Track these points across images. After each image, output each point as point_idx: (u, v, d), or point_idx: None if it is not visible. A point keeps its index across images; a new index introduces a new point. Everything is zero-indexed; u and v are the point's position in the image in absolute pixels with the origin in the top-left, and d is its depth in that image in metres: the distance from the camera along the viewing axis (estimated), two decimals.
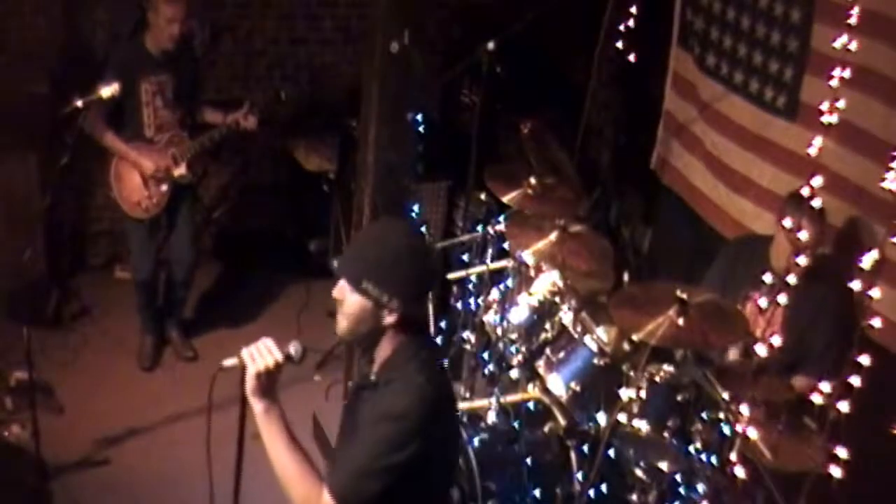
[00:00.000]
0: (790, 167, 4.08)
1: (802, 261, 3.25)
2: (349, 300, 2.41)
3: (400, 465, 2.31)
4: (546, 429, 3.93)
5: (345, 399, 4.77)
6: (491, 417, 3.90)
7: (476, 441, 3.75)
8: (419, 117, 4.64)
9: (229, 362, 2.43)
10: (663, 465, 3.50)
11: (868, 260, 3.00)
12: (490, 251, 4.40)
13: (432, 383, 2.40)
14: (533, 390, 4.04)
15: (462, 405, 4.12)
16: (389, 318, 2.40)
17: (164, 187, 4.81)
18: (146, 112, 4.73)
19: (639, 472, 3.56)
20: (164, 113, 4.77)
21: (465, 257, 4.73)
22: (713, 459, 3.42)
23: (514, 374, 4.05)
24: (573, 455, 3.81)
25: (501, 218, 4.43)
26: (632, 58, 4.76)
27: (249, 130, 4.93)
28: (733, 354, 3.67)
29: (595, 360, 3.80)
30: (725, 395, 3.40)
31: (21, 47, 5.26)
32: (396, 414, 2.32)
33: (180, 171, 4.84)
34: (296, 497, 2.37)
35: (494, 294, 4.25)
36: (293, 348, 2.45)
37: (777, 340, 3.16)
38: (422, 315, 2.51)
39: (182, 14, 4.58)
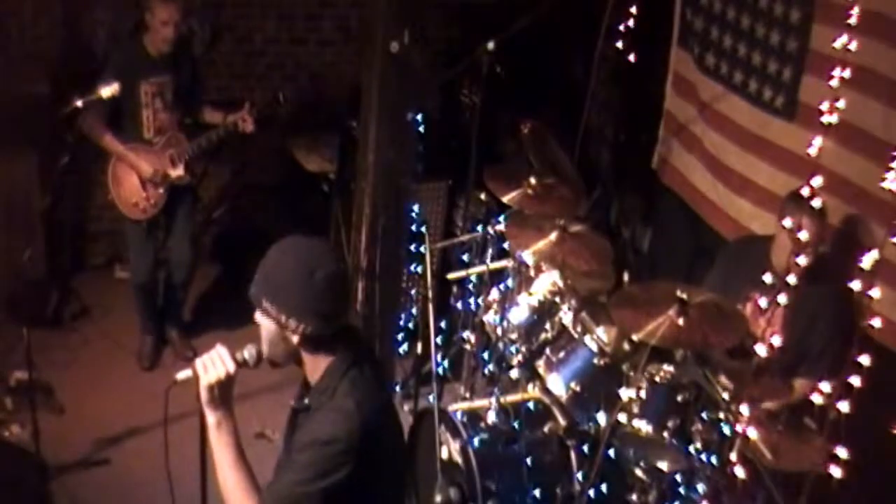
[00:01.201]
0: (789, 167, 4.08)
1: (802, 261, 3.25)
2: (261, 323, 2.42)
3: (327, 490, 2.30)
4: (546, 429, 3.93)
5: None
6: (491, 417, 3.90)
7: (476, 441, 3.75)
8: (419, 117, 4.64)
9: (183, 375, 2.43)
10: (663, 465, 3.50)
11: (868, 260, 3.00)
12: (490, 251, 4.41)
13: (361, 407, 2.34)
14: (533, 390, 4.04)
15: (462, 405, 4.12)
16: (294, 338, 2.38)
17: (162, 188, 4.81)
18: (145, 113, 4.73)
19: (639, 472, 3.56)
20: (163, 114, 4.77)
21: (465, 257, 4.73)
22: (713, 459, 3.42)
23: (514, 374, 4.05)
24: (573, 455, 3.81)
25: (501, 218, 4.43)
26: (632, 58, 4.75)
27: (248, 132, 4.93)
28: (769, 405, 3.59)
29: (595, 360, 3.80)
30: (725, 395, 3.40)
31: (21, 47, 5.27)
32: (323, 440, 2.31)
33: (178, 172, 4.84)
34: None
35: (494, 294, 4.26)
36: (246, 353, 2.43)
37: (777, 340, 3.16)
38: (340, 332, 2.42)
39: (176, 16, 4.58)
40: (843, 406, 2.86)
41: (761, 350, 3.13)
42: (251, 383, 4.30)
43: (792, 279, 3.18)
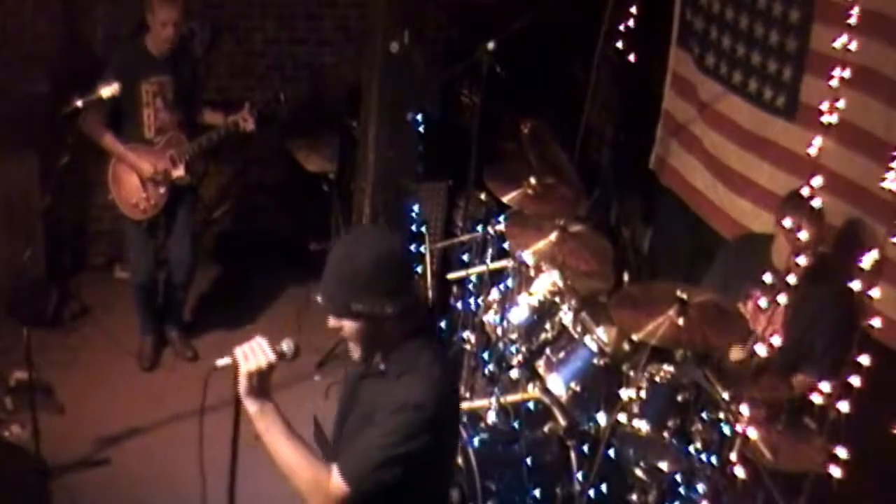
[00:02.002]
0: (789, 167, 4.08)
1: (803, 261, 3.25)
2: (348, 327, 2.42)
3: (414, 455, 2.33)
4: (546, 429, 3.93)
5: None
6: (491, 417, 3.90)
7: (476, 441, 3.75)
8: (419, 117, 4.64)
9: (222, 362, 2.43)
10: (663, 465, 3.50)
11: (868, 260, 3.00)
12: (490, 251, 4.41)
13: (446, 376, 2.45)
14: (533, 390, 4.04)
15: (462, 405, 4.12)
16: (389, 323, 2.39)
17: (163, 189, 4.81)
18: (146, 113, 4.73)
19: (639, 472, 3.56)
20: (164, 114, 4.77)
21: (465, 257, 4.73)
22: (713, 459, 3.42)
23: (514, 374, 4.05)
24: (573, 455, 3.81)
25: (501, 218, 4.43)
26: (632, 58, 4.75)
27: (248, 132, 4.93)
28: (736, 354, 3.66)
29: (595, 360, 3.80)
30: (725, 395, 3.40)
31: (21, 47, 5.27)
32: (414, 404, 2.33)
33: (179, 172, 4.84)
34: (303, 485, 2.37)
35: (494, 294, 4.25)
36: (285, 345, 2.45)
37: (777, 340, 3.16)
38: (418, 300, 2.51)
39: (176, 17, 4.58)
40: (843, 406, 2.86)
41: (761, 350, 3.14)
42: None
43: (792, 279, 3.19)
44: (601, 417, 3.72)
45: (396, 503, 2.40)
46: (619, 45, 4.77)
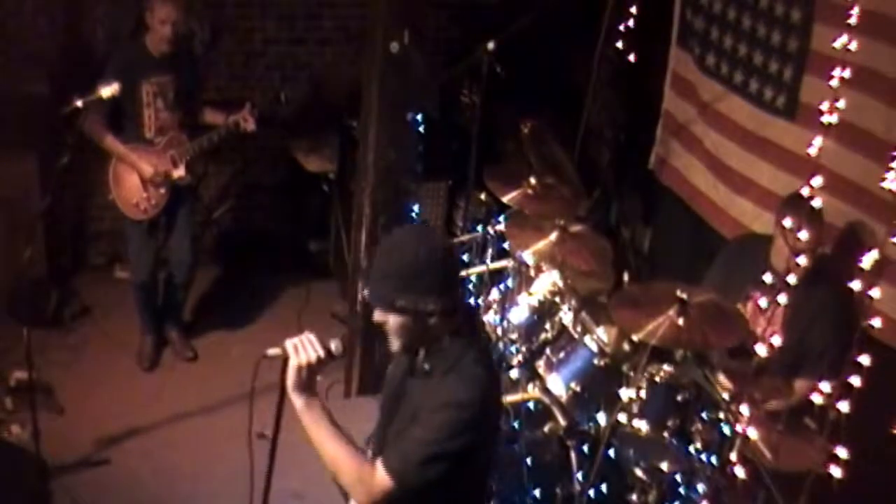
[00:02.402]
0: (790, 167, 4.08)
1: (802, 261, 3.25)
2: (392, 321, 2.45)
3: (457, 452, 2.37)
4: (546, 429, 3.93)
5: (346, 397, 4.78)
6: None
7: None
8: (419, 117, 4.64)
9: (273, 351, 2.45)
10: (663, 465, 3.50)
11: (868, 260, 3.00)
12: (490, 251, 4.41)
13: (490, 376, 2.50)
14: (533, 390, 4.03)
15: None
16: (433, 320, 2.43)
17: (163, 189, 4.81)
18: (147, 113, 4.72)
19: (639, 472, 3.56)
20: (164, 114, 4.77)
21: (465, 257, 4.73)
22: (713, 459, 3.42)
23: (514, 374, 4.05)
24: (573, 455, 3.81)
25: (501, 218, 4.44)
26: (632, 58, 4.75)
27: (249, 132, 4.93)
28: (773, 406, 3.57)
29: (595, 360, 3.80)
30: (725, 395, 3.40)
31: (21, 47, 5.26)
32: (459, 402, 2.37)
33: (179, 172, 4.84)
34: (347, 479, 2.43)
35: (494, 294, 4.26)
36: (334, 344, 2.48)
37: (777, 340, 3.16)
38: (462, 300, 2.56)
39: (175, 15, 4.57)
40: (843, 406, 2.86)
41: (761, 350, 3.14)
42: (249, 384, 4.31)
43: (792, 279, 3.19)
44: (601, 417, 3.72)
45: (438, 499, 2.46)
46: (619, 45, 4.77)
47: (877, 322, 3.11)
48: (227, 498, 2.64)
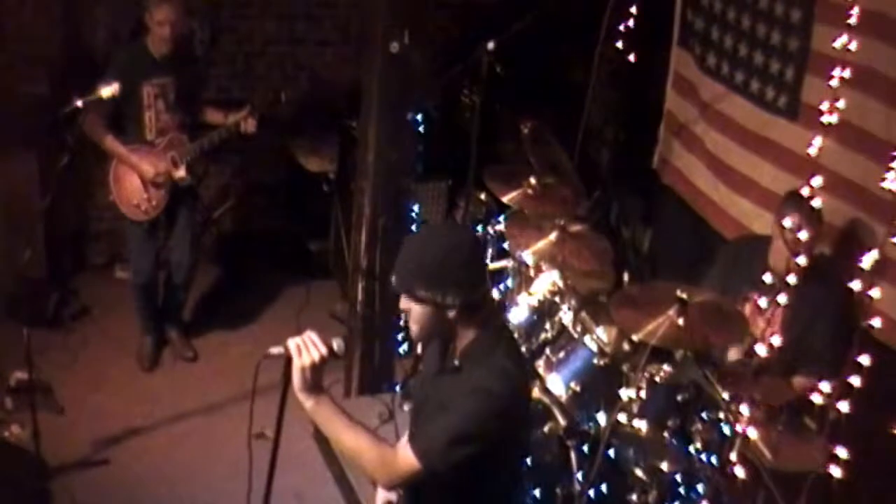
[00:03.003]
0: (791, 167, 4.08)
1: (802, 261, 3.25)
2: (414, 309, 2.48)
3: (483, 437, 2.37)
4: (546, 429, 3.92)
5: (346, 397, 4.78)
6: None
7: None
8: (419, 117, 4.64)
9: (275, 350, 2.45)
10: (663, 465, 3.50)
11: (868, 260, 3.00)
12: (490, 251, 4.40)
13: (519, 368, 2.52)
14: (533, 390, 4.03)
15: None
16: (452, 313, 2.45)
17: (164, 190, 4.81)
18: (148, 115, 4.72)
19: (639, 472, 3.56)
20: (165, 116, 4.77)
21: None
22: (713, 459, 3.42)
23: None
24: (573, 455, 3.80)
25: (501, 218, 4.43)
26: (632, 58, 4.75)
27: (250, 132, 4.93)
28: (734, 354, 3.67)
29: (595, 360, 3.80)
30: (725, 395, 3.40)
31: (21, 47, 5.26)
32: (489, 390, 2.39)
33: (180, 173, 4.84)
34: (370, 465, 2.46)
35: (494, 294, 4.25)
36: (336, 343, 2.47)
37: (777, 340, 3.16)
38: (487, 297, 2.58)
39: (173, 17, 4.57)
40: (843, 406, 2.86)
41: (761, 350, 3.14)
42: (250, 384, 4.31)
43: (792, 279, 3.19)
44: (601, 417, 3.72)
45: (466, 493, 2.47)
46: (619, 45, 4.77)
47: (877, 322, 3.11)
48: (227, 498, 2.64)
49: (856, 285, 3.14)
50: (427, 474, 2.39)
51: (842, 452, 2.90)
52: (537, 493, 3.74)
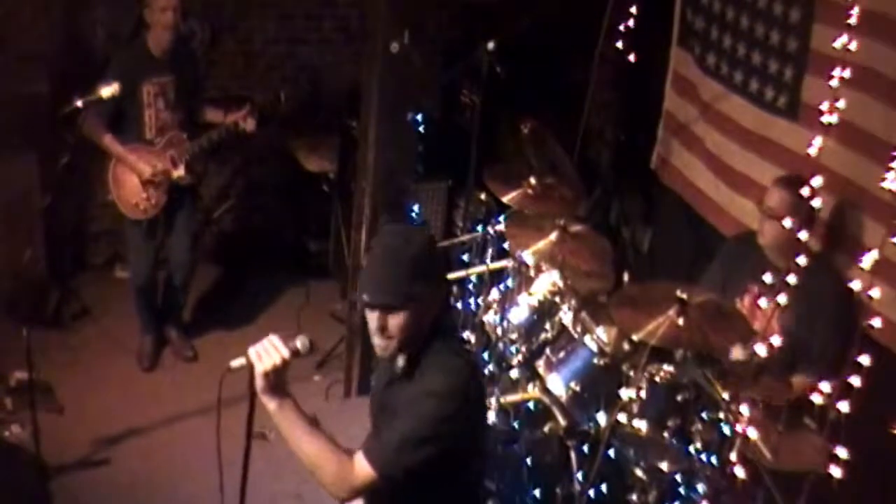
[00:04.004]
0: (791, 167, 4.07)
1: (802, 261, 3.25)
2: (394, 322, 2.41)
3: (437, 440, 2.35)
4: (546, 429, 3.93)
5: (346, 397, 4.78)
6: (491, 417, 3.90)
7: None
8: (419, 117, 4.64)
9: (236, 363, 2.44)
10: (663, 465, 3.50)
11: (868, 260, 3.00)
12: (490, 251, 4.40)
13: (468, 368, 2.49)
14: (533, 390, 4.03)
15: None
16: (434, 309, 2.45)
17: (163, 189, 4.81)
18: (147, 114, 4.72)
19: (639, 472, 3.56)
20: (165, 115, 4.77)
21: (465, 257, 4.73)
22: (713, 459, 3.42)
23: (514, 374, 4.05)
24: (573, 455, 3.81)
25: (501, 218, 4.43)
26: (632, 58, 4.75)
27: (249, 132, 4.93)
28: (737, 353, 3.66)
29: (595, 360, 3.80)
30: (725, 395, 3.40)
31: (21, 47, 5.26)
32: (440, 392, 2.37)
33: (179, 173, 4.84)
34: (328, 477, 2.39)
35: (494, 294, 4.25)
36: (299, 342, 2.47)
37: (777, 340, 3.16)
38: (444, 301, 2.60)
39: (175, 1, 4.56)
40: (843, 406, 2.86)
41: (761, 349, 3.14)
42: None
43: (792, 279, 3.19)
44: (601, 417, 3.72)
45: (426, 500, 2.46)
46: (619, 45, 4.77)
47: (877, 322, 3.10)
48: (228, 497, 2.63)
49: (855, 285, 3.14)
50: (384, 483, 2.36)
51: (842, 452, 2.89)
52: (537, 493, 3.74)
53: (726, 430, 3.39)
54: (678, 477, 3.52)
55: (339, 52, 6.05)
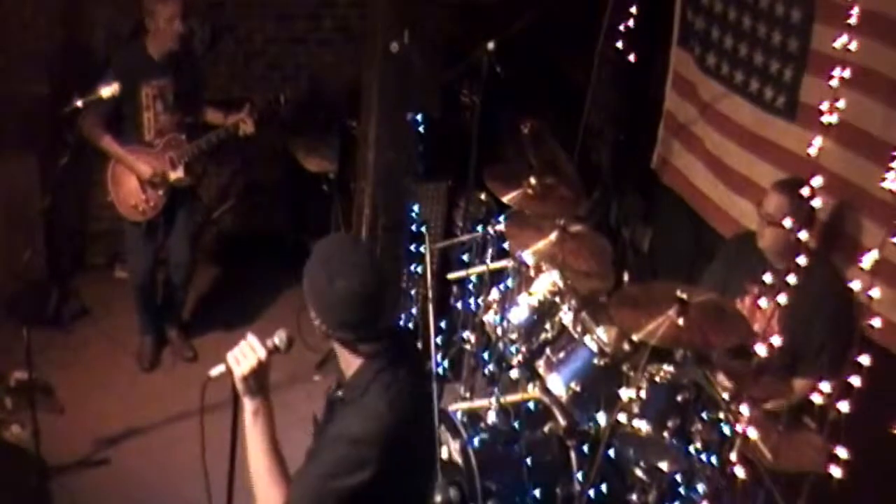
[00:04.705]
0: (790, 167, 4.08)
1: (802, 261, 3.25)
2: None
3: (349, 489, 2.30)
4: (546, 429, 3.93)
5: None
6: (491, 417, 3.90)
7: (476, 441, 3.75)
8: (419, 117, 4.64)
9: (216, 371, 2.43)
10: (663, 465, 3.50)
11: (868, 260, 3.00)
12: (490, 251, 4.40)
13: (392, 410, 2.35)
14: (533, 390, 4.04)
15: (462, 405, 4.12)
16: (330, 341, 2.42)
17: (161, 191, 4.81)
18: (146, 116, 4.72)
19: (639, 472, 3.56)
20: (164, 117, 4.76)
21: (465, 257, 4.73)
22: (713, 459, 3.42)
23: (514, 374, 4.05)
24: (573, 455, 3.81)
25: (501, 218, 4.43)
26: (632, 58, 4.75)
27: (248, 134, 4.92)
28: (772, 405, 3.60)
29: (595, 360, 3.80)
30: (725, 395, 3.40)
31: (21, 47, 5.27)
32: (352, 437, 2.31)
33: (178, 174, 4.84)
34: (260, 498, 2.40)
35: (494, 294, 4.25)
36: (277, 339, 2.44)
37: (777, 340, 3.16)
38: (387, 327, 2.45)
39: (180, 8, 4.56)
40: (843, 406, 2.86)
41: (761, 350, 3.14)
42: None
43: (792, 279, 3.19)
44: (601, 417, 3.72)
45: None
46: (619, 45, 4.77)
47: (876, 322, 3.10)
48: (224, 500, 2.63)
49: (855, 285, 3.14)
50: None
51: (842, 452, 2.89)
52: (537, 493, 3.74)
53: (726, 430, 3.39)
54: (678, 477, 3.52)
55: (339, 52, 6.05)
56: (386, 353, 2.42)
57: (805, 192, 3.30)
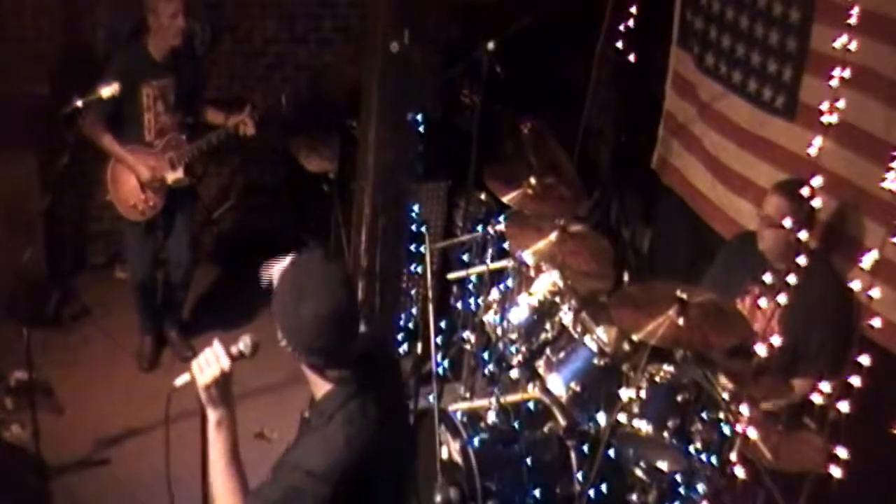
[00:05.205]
0: (789, 167, 4.08)
1: (802, 260, 3.25)
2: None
3: None
4: (546, 429, 3.93)
5: None
6: (491, 417, 3.90)
7: (476, 441, 3.75)
8: (419, 117, 4.63)
9: (181, 380, 2.40)
10: (663, 465, 3.50)
11: (868, 260, 3.00)
12: (490, 251, 4.40)
13: (351, 444, 2.27)
14: (533, 390, 4.04)
15: (462, 405, 4.12)
16: (299, 362, 2.35)
17: (161, 191, 4.80)
18: (147, 116, 4.72)
19: (639, 472, 3.57)
20: (164, 117, 4.76)
21: (465, 257, 4.73)
22: (713, 459, 3.42)
23: (514, 374, 4.05)
24: (573, 455, 3.81)
25: (501, 218, 4.43)
26: (632, 58, 4.76)
27: (249, 135, 4.92)
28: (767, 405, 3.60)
29: (595, 360, 3.80)
30: (725, 395, 3.40)
31: (21, 47, 5.27)
32: (309, 469, 2.25)
33: (177, 175, 4.84)
34: None
35: (494, 294, 4.25)
36: (241, 345, 2.40)
37: (777, 340, 3.16)
38: (352, 363, 2.34)
39: (182, 6, 4.56)
40: (843, 406, 2.86)
41: (761, 350, 3.14)
42: (251, 383, 4.30)
43: (792, 279, 3.19)
44: (601, 417, 3.72)
45: None
46: (619, 45, 4.77)
47: (876, 322, 3.11)
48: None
49: (855, 285, 3.14)
50: None
51: (842, 452, 2.89)
52: (537, 493, 3.74)
53: (726, 430, 3.39)
54: (678, 477, 3.52)
55: (339, 52, 6.05)
56: (356, 380, 2.34)
57: (805, 192, 3.30)
